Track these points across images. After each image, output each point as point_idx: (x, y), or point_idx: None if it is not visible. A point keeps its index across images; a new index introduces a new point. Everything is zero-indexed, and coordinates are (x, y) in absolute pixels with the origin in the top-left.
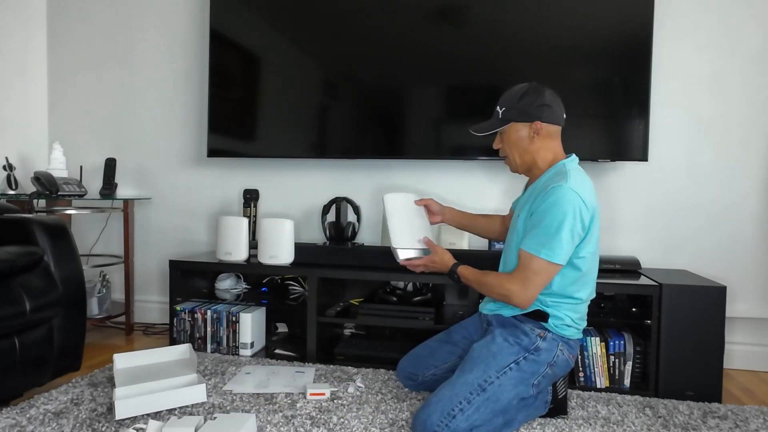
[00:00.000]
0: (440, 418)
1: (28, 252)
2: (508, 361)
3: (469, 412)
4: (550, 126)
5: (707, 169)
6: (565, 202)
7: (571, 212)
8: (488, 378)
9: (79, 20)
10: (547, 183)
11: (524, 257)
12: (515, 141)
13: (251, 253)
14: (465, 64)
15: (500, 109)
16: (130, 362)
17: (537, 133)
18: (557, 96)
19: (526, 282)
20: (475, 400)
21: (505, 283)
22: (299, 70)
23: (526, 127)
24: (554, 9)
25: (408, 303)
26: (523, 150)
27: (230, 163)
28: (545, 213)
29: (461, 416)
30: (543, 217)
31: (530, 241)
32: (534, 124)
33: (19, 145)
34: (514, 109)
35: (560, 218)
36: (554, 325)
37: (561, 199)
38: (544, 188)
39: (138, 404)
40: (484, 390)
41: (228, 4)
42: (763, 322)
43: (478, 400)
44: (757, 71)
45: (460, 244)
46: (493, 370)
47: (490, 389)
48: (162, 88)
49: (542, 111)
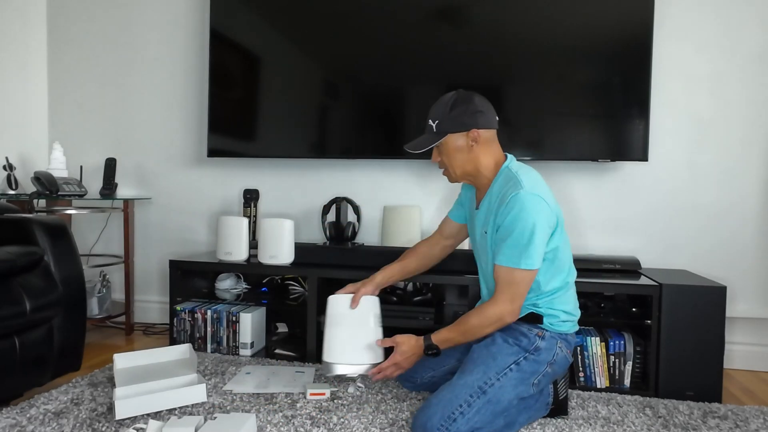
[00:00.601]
0: (440, 421)
1: (29, 252)
2: (508, 362)
3: (470, 415)
4: (486, 131)
5: (707, 169)
6: (529, 209)
7: (539, 218)
8: (488, 380)
9: (80, 20)
10: (503, 192)
11: (504, 272)
12: (453, 152)
13: (251, 253)
14: (465, 64)
15: (433, 122)
16: (130, 362)
17: (475, 141)
18: (487, 101)
19: (514, 296)
20: (475, 403)
21: (491, 311)
22: (299, 70)
23: (462, 136)
24: (554, 9)
25: (408, 303)
26: (464, 160)
27: (230, 163)
28: (513, 224)
29: (462, 419)
30: (512, 229)
31: (506, 255)
32: (471, 132)
33: (19, 145)
34: (448, 121)
35: (530, 226)
36: (550, 323)
37: (525, 207)
38: (501, 199)
39: (138, 404)
40: (484, 392)
41: (228, 4)
42: (763, 322)
43: (478, 403)
44: (757, 71)
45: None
46: (493, 372)
47: (491, 391)
48: (162, 87)
49: (476, 118)
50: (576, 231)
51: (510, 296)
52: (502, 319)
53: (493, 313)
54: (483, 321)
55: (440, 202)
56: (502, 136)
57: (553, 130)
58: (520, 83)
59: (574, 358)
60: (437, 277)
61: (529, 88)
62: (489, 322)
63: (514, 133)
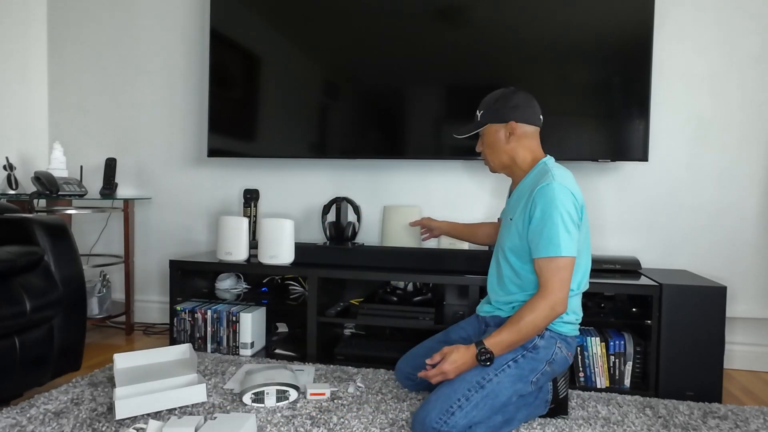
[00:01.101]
0: (439, 415)
1: (29, 252)
2: (507, 358)
3: (468, 409)
4: (525, 126)
5: (707, 169)
6: (559, 199)
7: (567, 205)
8: (486, 375)
9: (80, 20)
10: (534, 183)
11: (545, 264)
12: (492, 142)
13: (251, 253)
14: (465, 64)
15: (479, 112)
16: (131, 362)
17: (512, 133)
18: (532, 98)
19: (561, 284)
20: (473, 397)
21: (542, 303)
22: (299, 69)
23: (501, 127)
24: (555, 9)
25: (408, 303)
26: (500, 150)
27: (230, 162)
28: (545, 216)
29: (460, 413)
30: (545, 221)
31: (544, 246)
32: (509, 124)
33: (19, 144)
34: (490, 112)
35: (560, 214)
36: (551, 324)
37: (555, 197)
38: (531, 189)
39: (138, 404)
40: (482, 387)
41: (228, 4)
42: (763, 322)
43: (476, 397)
44: (757, 71)
45: (459, 245)
46: (492, 368)
47: (489, 386)
48: (162, 87)
49: (515, 111)
50: None
51: (557, 284)
52: (555, 308)
53: (545, 304)
54: (537, 314)
55: (441, 202)
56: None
57: (554, 131)
58: (521, 83)
59: (575, 358)
60: (437, 277)
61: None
62: (543, 315)
63: None
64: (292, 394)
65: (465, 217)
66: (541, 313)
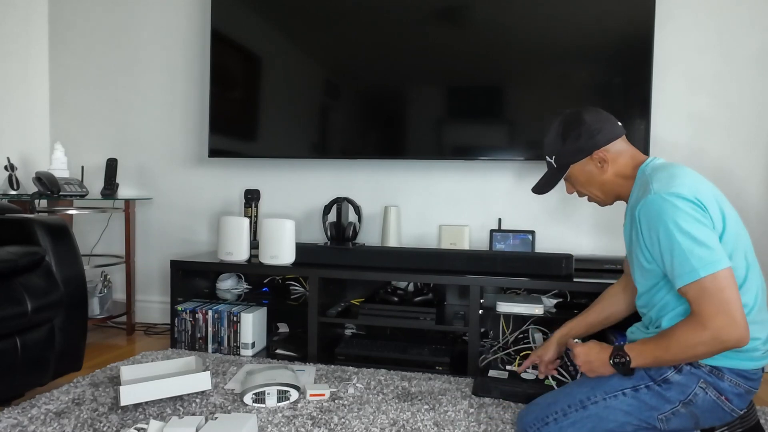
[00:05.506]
0: (534, 421)
1: (30, 252)
2: (624, 385)
3: (563, 425)
4: (612, 145)
5: (707, 169)
6: (659, 213)
7: (676, 215)
8: (592, 396)
9: (81, 20)
10: (635, 200)
11: (692, 291)
12: (587, 179)
13: (252, 253)
14: (466, 64)
15: (550, 159)
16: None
17: (603, 161)
18: (599, 111)
19: (720, 307)
20: (572, 415)
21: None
22: (300, 70)
23: (588, 162)
24: (555, 9)
25: (409, 303)
26: (601, 183)
27: (231, 163)
28: (661, 239)
29: (554, 426)
30: (665, 245)
31: (682, 273)
32: (594, 154)
33: (20, 145)
34: (565, 153)
35: (674, 229)
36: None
37: (656, 215)
38: (633, 208)
39: (142, 390)
40: (584, 407)
41: (229, 5)
42: None
43: (575, 416)
44: (757, 72)
45: (460, 244)
46: (601, 390)
47: (592, 408)
48: (163, 88)
49: (594, 138)
50: (576, 231)
51: (714, 309)
52: (719, 337)
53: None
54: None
55: (440, 202)
56: (503, 136)
57: None
58: (521, 83)
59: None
60: (438, 277)
61: (529, 88)
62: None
63: (514, 133)
64: (293, 395)
65: (465, 218)
66: (698, 338)
